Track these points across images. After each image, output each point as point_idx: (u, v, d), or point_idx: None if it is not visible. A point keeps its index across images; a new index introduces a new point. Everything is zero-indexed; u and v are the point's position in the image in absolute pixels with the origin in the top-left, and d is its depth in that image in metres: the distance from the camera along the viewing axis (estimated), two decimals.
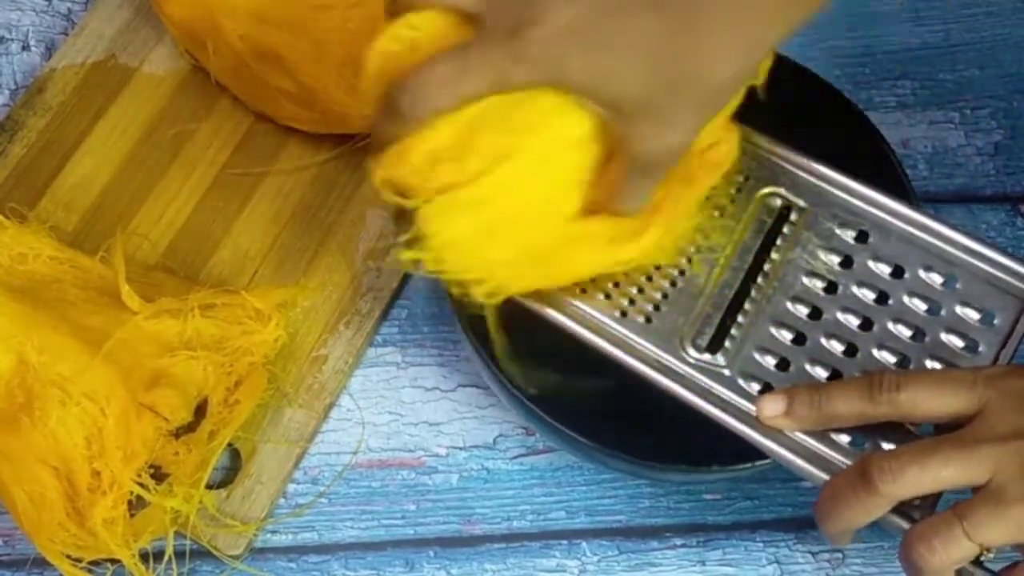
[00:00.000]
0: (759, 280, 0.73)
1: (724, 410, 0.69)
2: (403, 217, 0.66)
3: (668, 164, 0.67)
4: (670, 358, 0.71)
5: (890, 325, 0.72)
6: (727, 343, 0.71)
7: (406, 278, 0.87)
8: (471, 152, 0.63)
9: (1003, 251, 0.72)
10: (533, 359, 0.73)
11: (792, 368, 0.71)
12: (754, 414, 0.69)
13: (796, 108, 0.75)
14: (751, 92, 0.68)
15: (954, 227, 0.72)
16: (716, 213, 0.74)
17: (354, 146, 0.88)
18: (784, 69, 0.70)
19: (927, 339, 0.71)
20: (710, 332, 0.72)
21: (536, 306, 0.71)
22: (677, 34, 0.61)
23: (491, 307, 0.69)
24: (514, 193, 0.65)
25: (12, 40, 0.95)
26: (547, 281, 0.71)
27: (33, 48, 0.95)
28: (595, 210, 0.68)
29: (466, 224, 0.65)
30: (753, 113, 0.70)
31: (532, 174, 0.65)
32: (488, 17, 0.62)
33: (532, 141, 0.64)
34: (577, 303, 0.72)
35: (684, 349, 0.71)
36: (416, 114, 0.63)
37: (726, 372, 0.71)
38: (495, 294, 0.69)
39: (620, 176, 0.66)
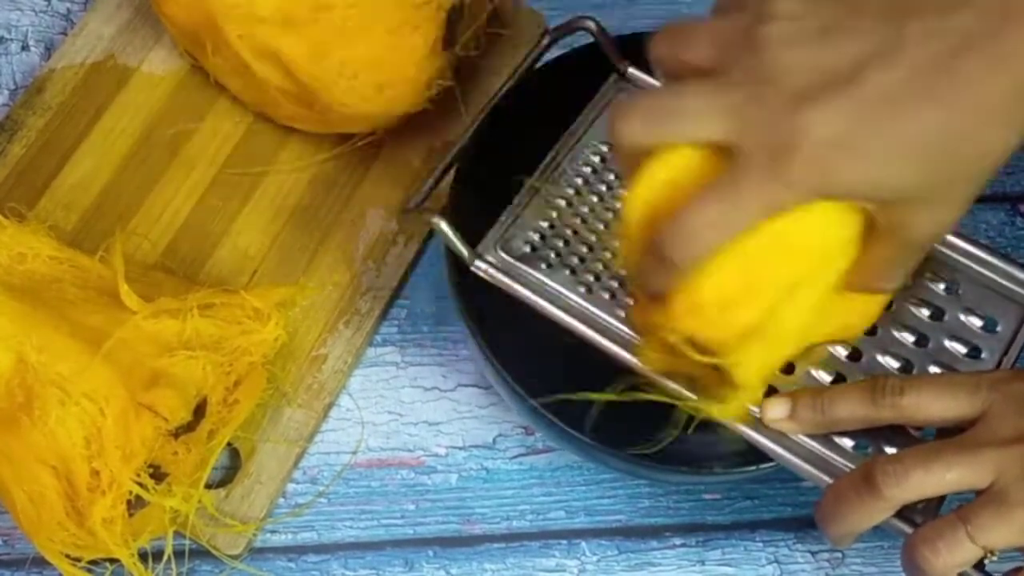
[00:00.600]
0: None
1: None
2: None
3: (936, 240, 0.65)
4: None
5: (894, 331, 0.72)
6: None
7: (405, 277, 0.87)
8: (760, 289, 0.61)
9: (1005, 257, 0.72)
10: (536, 360, 0.73)
11: (796, 372, 0.71)
12: (758, 417, 0.69)
13: None
14: None
15: (956, 233, 0.72)
16: None
17: (354, 146, 0.88)
18: None
19: (930, 345, 0.71)
20: None
21: (539, 303, 0.71)
22: (952, 126, 0.57)
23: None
24: (802, 314, 0.64)
25: (11, 40, 0.95)
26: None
27: (32, 48, 0.95)
28: (850, 289, 0.66)
29: (767, 361, 0.65)
30: None
31: (815, 291, 0.64)
32: (743, 144, 0.59)
33: (811, 261, 0.62)
34: (582, 302, 0.72)
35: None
36: (690, 261, 0.60)
37: None
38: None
39: (886, 258, 0.64)
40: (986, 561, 0.63)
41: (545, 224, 0.74)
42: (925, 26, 0.57)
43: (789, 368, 0.71)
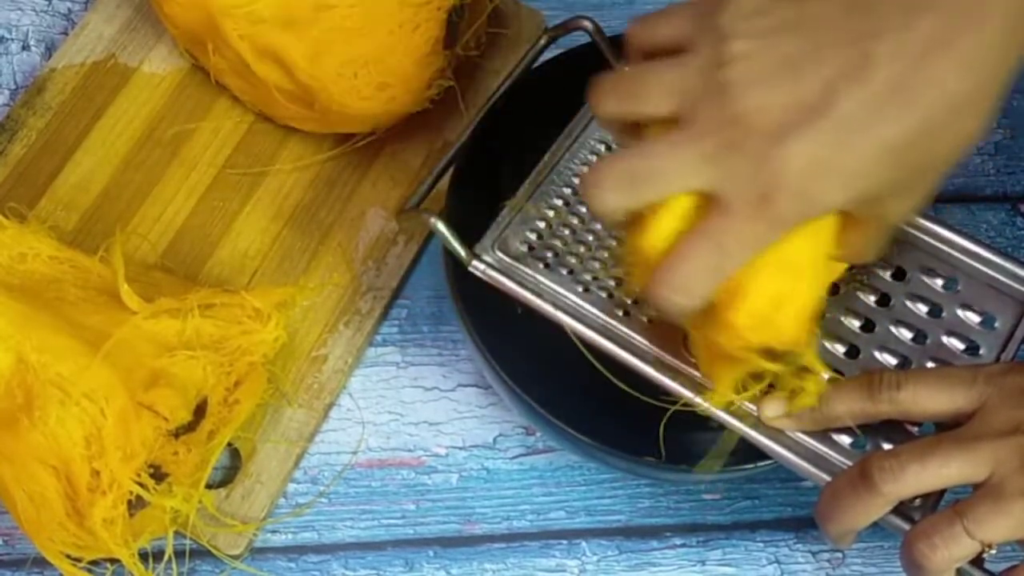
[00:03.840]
0: None
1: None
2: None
3: (908, 220, 0.66)
4: (672, 358, 0.71)
5: (891, 327, 0.72)
6: None
7: (406, 277, 0.87)
8: (795, 279, 0.62)
9: (1003, 254, 0.72)
10: (535, 359, 0.73)
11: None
12: (756, 414, 0.69)
13: None
14: None
15: (955, 230, 0.72)
16: None
17: (354, 146, 0.88)
18: None
19: (928, 341, 0.71)
20: None
21: (537, 303, 0.71)
22: (926, 127, 0.57)
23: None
24: (823, 285, 0.65)
25: (12, 40, 0.95)
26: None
27: (33, 48, 0.95)
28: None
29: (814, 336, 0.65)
30: None
31: (823, 264, 0.64)
32: (725, 191, 0.59)
33: (816, 240, 0.62)
34: (580, 302, 0.71)
35: (687, 349, 0.71)
36: (688, 310, 0.61)
37: None
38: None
39: (863, 240, 0.64)
40: (985, 556, 0.63)
41: (543, 224, 0.74)
42: (890, 40, 0.57)
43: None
